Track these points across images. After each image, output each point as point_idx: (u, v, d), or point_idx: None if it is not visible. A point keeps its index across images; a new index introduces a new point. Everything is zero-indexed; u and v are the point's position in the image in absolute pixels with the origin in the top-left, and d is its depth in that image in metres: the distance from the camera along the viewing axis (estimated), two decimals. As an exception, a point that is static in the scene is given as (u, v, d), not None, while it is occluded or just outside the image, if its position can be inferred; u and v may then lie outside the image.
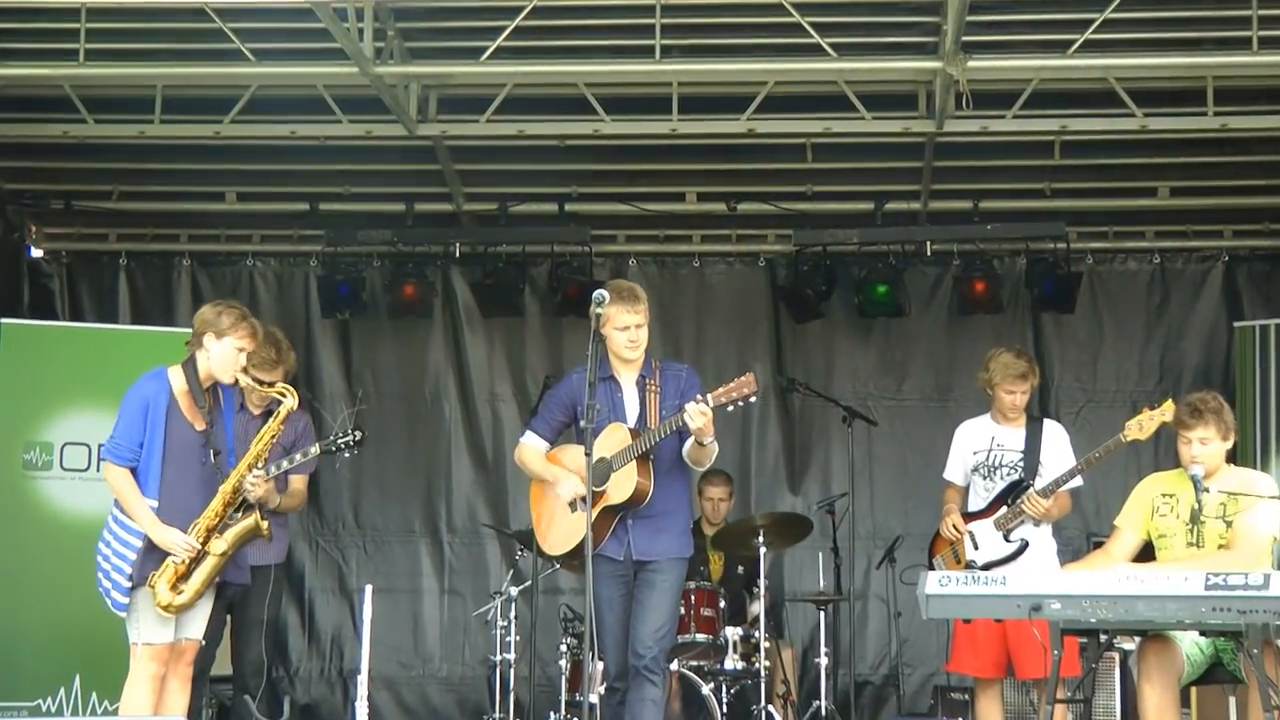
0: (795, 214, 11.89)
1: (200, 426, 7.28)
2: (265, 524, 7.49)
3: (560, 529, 7.56)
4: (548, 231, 11.90)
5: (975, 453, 8.45)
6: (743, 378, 7.16)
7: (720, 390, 7.13)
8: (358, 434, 8.29)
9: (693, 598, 9.26)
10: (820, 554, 10.39)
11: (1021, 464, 8.31)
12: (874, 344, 12.17)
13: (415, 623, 12.15)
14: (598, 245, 11.94)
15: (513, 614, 9.98)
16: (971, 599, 6.61)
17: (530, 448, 7.68)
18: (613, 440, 7.35)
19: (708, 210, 12.08)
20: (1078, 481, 8.30)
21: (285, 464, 7.93)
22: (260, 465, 7.44)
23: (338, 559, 12.24)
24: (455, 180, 11.64)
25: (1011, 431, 8.40)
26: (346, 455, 8.44)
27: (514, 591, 10.00)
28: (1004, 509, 8.27)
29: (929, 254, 11.85)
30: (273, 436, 7.47)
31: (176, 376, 7.29)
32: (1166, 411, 7.68)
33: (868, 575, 11.62)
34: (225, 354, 7.30)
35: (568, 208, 11.85)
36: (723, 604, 9.49)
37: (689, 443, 7.30)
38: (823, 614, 9.87)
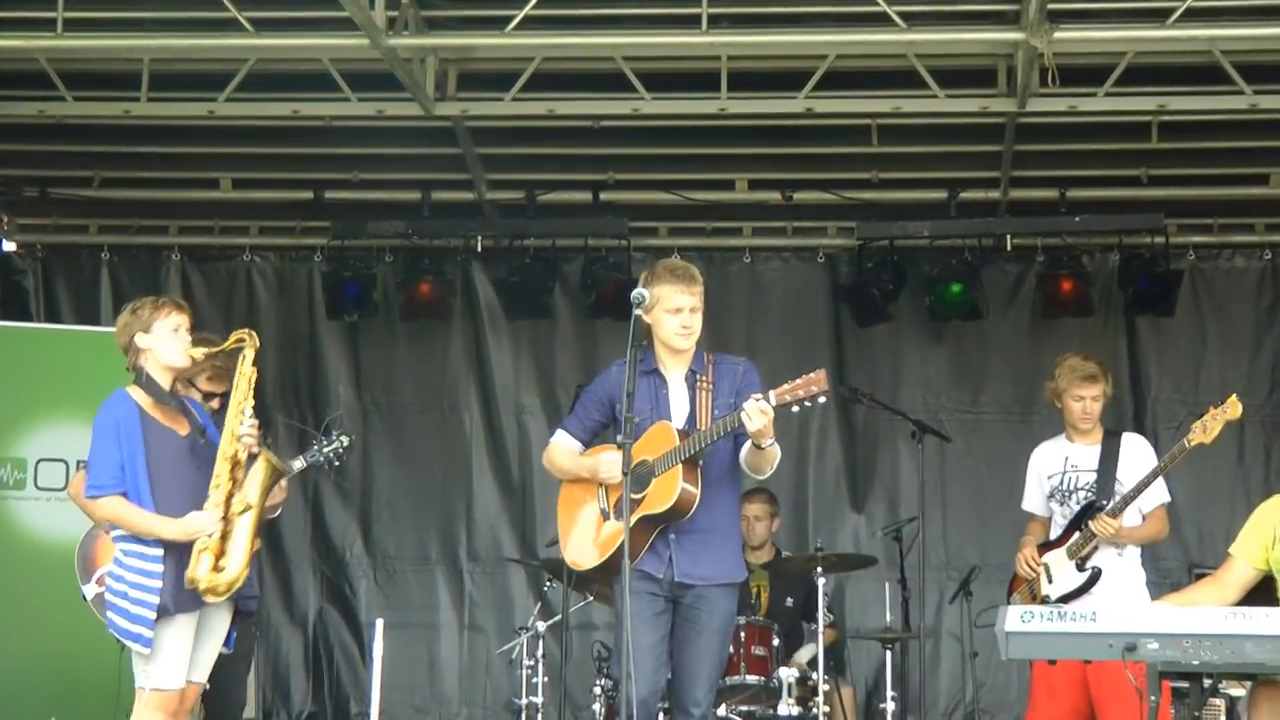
0: (859, 204, 11.88)
1: (184, 431, 7.29)
2: (277, 460, 7.40)
3: (589, 540, 7.36)
4: (580, 223, 11.93)
5: (1049, 477, 8.44)
6: (811, 374, 6.99)
7: (785, 387, 6.96)
8: (345, 439, 8.18)
9: (743, 634, 9.24)
10: (886, 585, 10.29)
11: (1095, 484, 8.28)
12: (947, 350, 12.16)
13: (431, 661, 12.18)
14: (636, 238, 11.96)
15: (540, 652, 9.95)
16: (1057, 637, 6.49)
17: (561, 446, 7.50)
18: (657, 440, 7.16)
19: (760, 199, 12.07)
20: (1165, 497, 8.27)
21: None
22: (251, 413, 7.36)
23: (345, 589, 12.27)
24: (477, 166, 11.64)
25: (1086, 449, 8.38)
26: (336, 464, 8.35)
27: (542, 627, 9.98)
28: (1076, 535, 8.24)
29: (1009, 249, 11.86)
30: (250, 380, 7.38)
31: (137, 392, 7.29)
32: (1230, 409, 7.66)
33: (940, 610, 11.58)
34: (164, 339, 7.28)
35: (603, 196, 11.86)
36: (776, 641, 9.47)
37: (746, 446, 7.11)
38: (889, 653, 9.83)
